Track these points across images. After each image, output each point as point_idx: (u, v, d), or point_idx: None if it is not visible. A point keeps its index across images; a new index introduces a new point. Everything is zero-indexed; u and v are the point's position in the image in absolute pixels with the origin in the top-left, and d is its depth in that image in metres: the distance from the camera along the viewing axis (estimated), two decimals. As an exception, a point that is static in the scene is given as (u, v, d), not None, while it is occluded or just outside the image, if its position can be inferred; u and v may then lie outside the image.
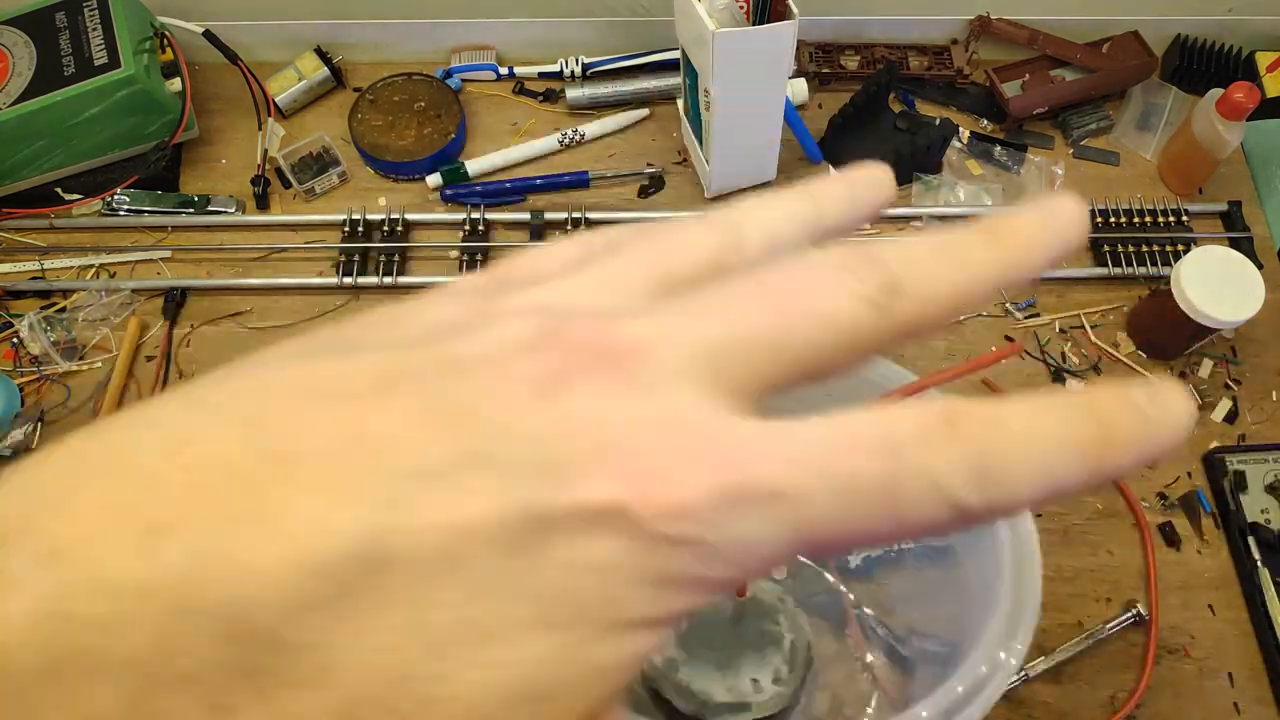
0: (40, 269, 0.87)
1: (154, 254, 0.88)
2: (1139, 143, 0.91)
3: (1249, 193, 0.88)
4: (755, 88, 0.76)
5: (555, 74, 0.95)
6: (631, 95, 0.94)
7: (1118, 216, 0.85)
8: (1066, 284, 0.84)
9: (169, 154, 0.89)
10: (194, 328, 0.84)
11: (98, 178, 0.89)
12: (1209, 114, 0.81)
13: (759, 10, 0.72)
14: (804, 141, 0.90)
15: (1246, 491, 0.73)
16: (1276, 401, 0.78)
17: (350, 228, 0.87)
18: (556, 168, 0.91)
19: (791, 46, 0.73)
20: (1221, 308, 0.71)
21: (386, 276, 0.85)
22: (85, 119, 0.83)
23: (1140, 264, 0.83)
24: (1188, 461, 0.76)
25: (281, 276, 0.86)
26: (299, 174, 0.89)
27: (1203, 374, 0.79)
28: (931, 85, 0.94)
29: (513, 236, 0.88)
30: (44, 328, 0.83)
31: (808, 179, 0.20)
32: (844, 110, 0.89)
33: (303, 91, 0.94)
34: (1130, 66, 0.90)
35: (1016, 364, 0.80)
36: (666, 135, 0.93)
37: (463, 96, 0.95)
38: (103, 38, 0.83)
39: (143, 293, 0.85)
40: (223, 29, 0.92)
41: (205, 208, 0.89)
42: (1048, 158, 0.91)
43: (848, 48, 0.95)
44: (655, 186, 0.90)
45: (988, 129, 0.93)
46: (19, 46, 0.84)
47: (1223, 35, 0.90)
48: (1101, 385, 0.15)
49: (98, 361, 0.82)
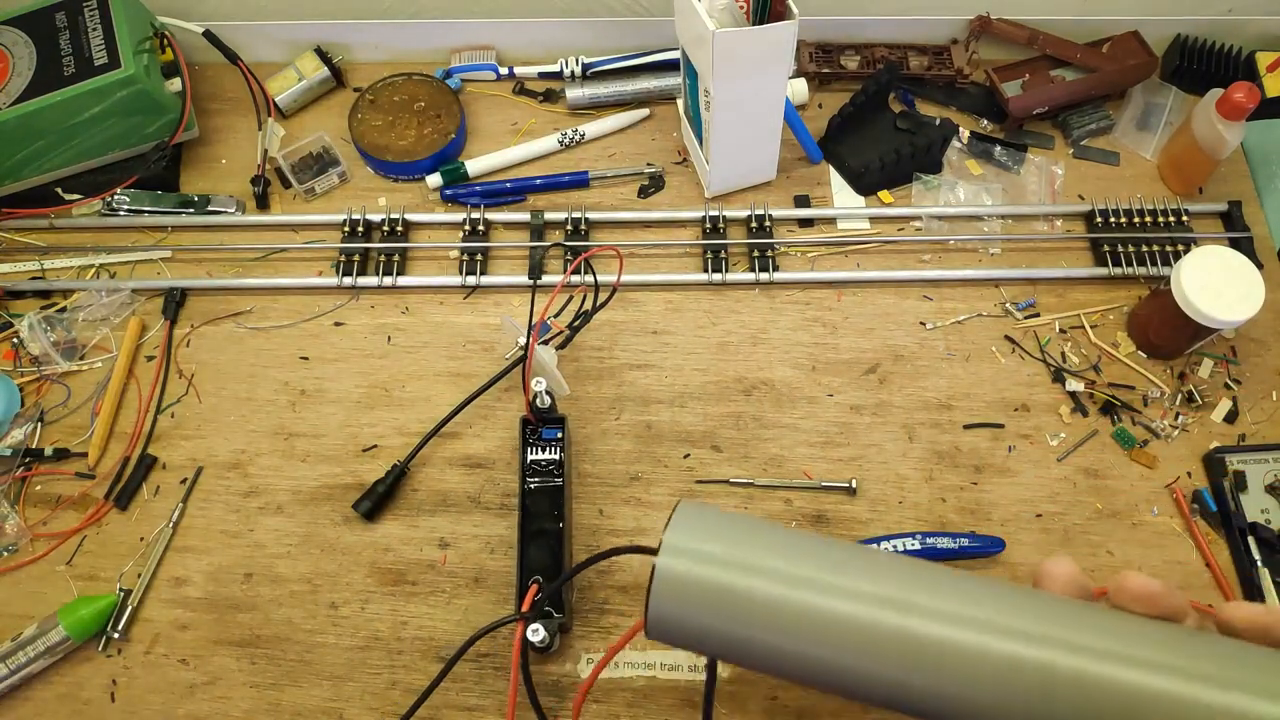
0: (40, 269, 0.87)
1: (154, 254, 0.88)
2: (1139, 143, 0.91)
3: (1249, 193, 0.88)
4: (755, 88, 0.76)
5: (555, 74, 0.95)
6: (631, 95, 0.94)
7: (1118, 216, 0.85)
8: (1066, 284, 0.84)
9: (169, 154, 0.89)
10: (194, 328, 0.84)
11: (98, 178, 0.89)
12: (1209, 114, 0.81)
13: (759, 10, 0.72)
14: (804, 141, 0.90)
15: (1246, 491, 0.73)
16: (1276, 401, 0.78)
17: (350, 228, 0.87)
18: (556, 168, 0.91)
19: (791, 46, 0.73)
20: (1221, 308, 0.71)
21: (386, 276, 0.85)
22: (85, 119, 0.83)
23: (1140, 264, 0.83)
24: (1187, 461, 0.76)
25: (281, 276, 0.86)
26: (299, 174, 0.89)
27: (1203, 374, 0.79)
28: (931, 85, 0.94)
29: (513, 236, 0.88)
30: (44, 328, 0.83)
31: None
32: (844, 110, 0.89)
33: (303, 91, 0.94)
34: (1130, 66, 0.90)
35: (1017, 364, 0.80)
36: (666, 135, 0.94)
37: (463, 96, 0.95)
38: (103, 38, 0.83)
39: (143, 293, 0.85)
40: (223, 29, 0.92)
41: (205, 208, 0.89)
42: (1048, 158, 0.91)
43: (848, 48, 0.95)
44: (655, 186, 0.90)
45: (988, 129, 0.93)
46: (19, 46, 0.84)
47: (1223, 35, 0.90)
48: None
49: (98, 361, 0.82)
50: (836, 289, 0.84)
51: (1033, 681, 0.29)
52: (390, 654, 0.70)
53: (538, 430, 0.73)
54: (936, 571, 0.32)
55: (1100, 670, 0.28)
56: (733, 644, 0.32)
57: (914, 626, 0.30)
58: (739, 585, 0.32)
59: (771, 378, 0.80)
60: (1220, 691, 0.27)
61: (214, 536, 0.75)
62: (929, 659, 0.30)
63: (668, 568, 0.33)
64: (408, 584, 0.72)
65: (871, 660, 0.31)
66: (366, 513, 0.74)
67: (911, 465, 0.76)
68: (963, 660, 0.29)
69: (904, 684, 0.30)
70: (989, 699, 0.29)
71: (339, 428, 0.79)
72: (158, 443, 0.79)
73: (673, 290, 0.85)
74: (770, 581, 0.32)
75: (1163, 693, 0.27)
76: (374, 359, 0.82)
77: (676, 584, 0.32)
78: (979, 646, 0.29)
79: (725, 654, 0.33)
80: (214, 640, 0.71)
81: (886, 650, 0.30)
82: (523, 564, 0.68)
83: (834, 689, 0.32)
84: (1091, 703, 0.28)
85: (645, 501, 0.75)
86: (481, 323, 0.83)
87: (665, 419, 0.78)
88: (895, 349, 0.81)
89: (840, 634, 0.31)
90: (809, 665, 0.32)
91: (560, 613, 0.67)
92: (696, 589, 0.32)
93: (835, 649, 0.31)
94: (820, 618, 0.31)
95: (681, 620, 0.33)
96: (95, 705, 0.69)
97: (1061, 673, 0.28)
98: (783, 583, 0.32)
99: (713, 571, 0.32)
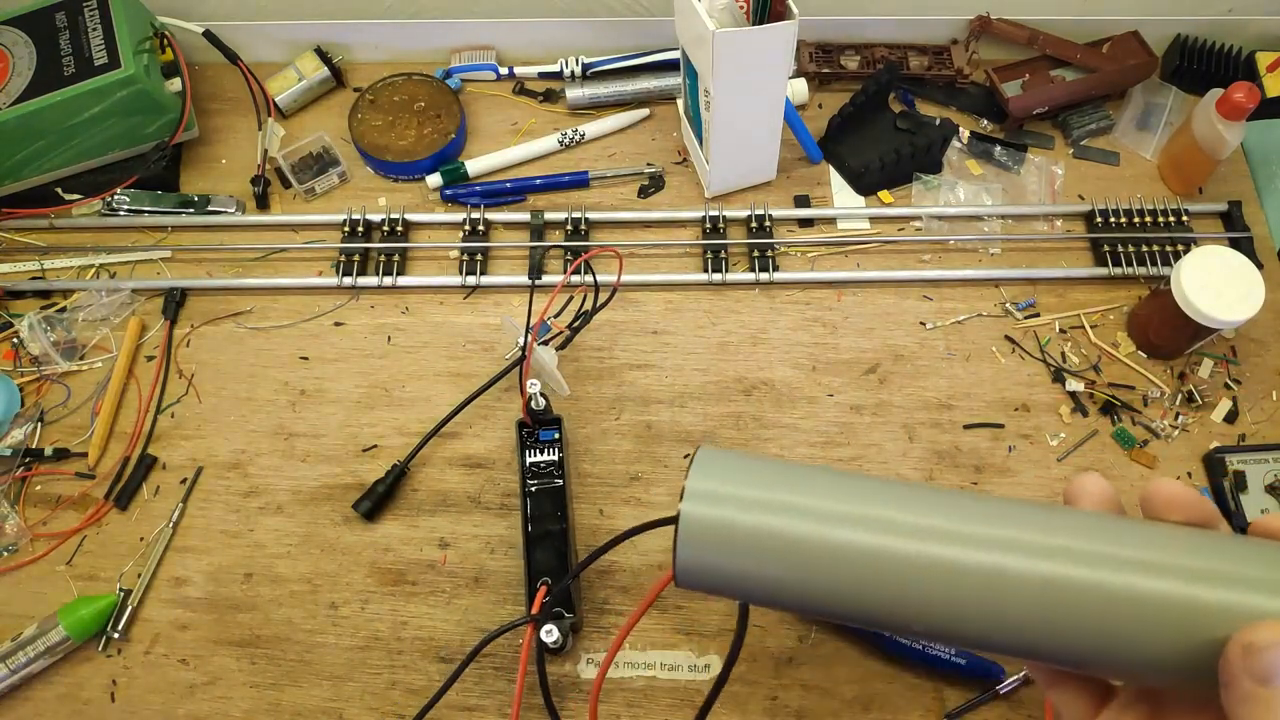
0: (40, 269, 0.87)
1: (154, 254, 0.88)
2: (1139, 143, 0.91)
3: (1249, 193, 0.88)
4: (755, 88, 0.76)
5: (555, 74, 0.95)
6: (631, 95, 0.94)
7: (1118, 216, 0.85)
8: (1066, 284, 0.84)
9: (169, 154, 0.89)
10: (194, 328, 0.84)
11: (98, 178, 0.89)
12: (1209, 114, 0.81)
13: (759, 10, 0.72)
14: (804, 141, 0.90)
15: (1246, 491, 0.73)
16: (1276, 401, 0.78)
17: (350, 228, 0.87)
18: (556, 168, 0.91)
19: (791, 46, 0.73)
20: (1221, 308, 0.71)
21: (386, 276, 0.85)
22: (85, 119, 0.83)
23: (1140, 264, 0.83)
24: (1188, 461, 0.76)
25: (281, 276, 0.86)
26: (299, 174, 0.89)
27: (1203, 374, 0.79)
28: (931, 85, 0.94)
29: (513, 236, 0.88)
30: (44, 328, 0.83)
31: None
32: (844, 110, 0.89)
33: (303, 91, 0.94)
34: (1130, 66, 0.90)
35: (1017, 364, 0.80)
36: (666, 135, 0.94)
37: (463, 96, 0.95)
38: (103, 38, 0.83)
39: (143, 293, 0.85)
40: (223, 29, 0.92)
41: (205, 208, 0.89)
42: (1048, 158, 0.91)
43: (848, 48, 0.95)
44: (655, 186, 0.90)
45: (988, 129, 0.93)
46: (19, 46, 0.84)
47: (1223, 35, 0.90)
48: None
49: (98, 361, 0.82)
50: (836, 289, 0.84)
51: (1087, 599, 0.28)
52: (390, 654, 0.70)
53: (535, 432, 0.73)
54: (969, 497, 0.31)
55: (1154, 585, 0.28)
56: (766, 585, 0.32)
57: (954, 554, 0.30)
58: (768, 525, 0.31)
59: (771, 378, 0.80)
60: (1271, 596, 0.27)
61: (214, 536, 0.75)
62: (974, 586, 0.29)
63: (693, 513, 0.32)
64: (408, 584, 0.72)
65: (918, 593, 0.30)
66: (366, 513, 0.74)
67: (912, 465, 0.76)
68: (1010, 584, 0.29)
69: (951, 615, 0.30)
70: (1039, 621, 0.29)
71: (339, 428, 0.79)
72: (158, 443, 0.79)
73: (673, 290, 0.85)
74: (800, 519, 0.31)
75: (1219, 601, 0.27)
76: (374, 359, 0.82)
77: (704, 528, 0.32)
78: (1026, 569, 0.29)
79: (758, 596, 0.33)
80: (214, 640, 0.71)
81: (933, 580, 0.30)
82: (530, 567, 0.68)
83: (876, 624, 0.32)
84: (1148, 617, 0.28)
85: (645, 501, 0.75)
86: (481, 323, 0.83)
87: (665, 419, 0.78)
88: (895, 349, 0.81)
89: (881, 567, 0.30)
90: (847, 601, 0.31)
91: (571, 612, 0.67)
92: (725, 531, 0.31)
93: (876, 584, 0.30)
94: (858, 551, 0.30)
95: (713, 565, 0.32)
96: (95, 705, 0.69)
97: (1116, 588, 0.28)
98: (813, 519, 0.31)
99: (740, 513, 0.32)
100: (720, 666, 0.69)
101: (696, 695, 0.68)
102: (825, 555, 0.31)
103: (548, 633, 0.63)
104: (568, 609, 0.67)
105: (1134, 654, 0.28)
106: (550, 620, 0.64)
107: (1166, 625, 0.28)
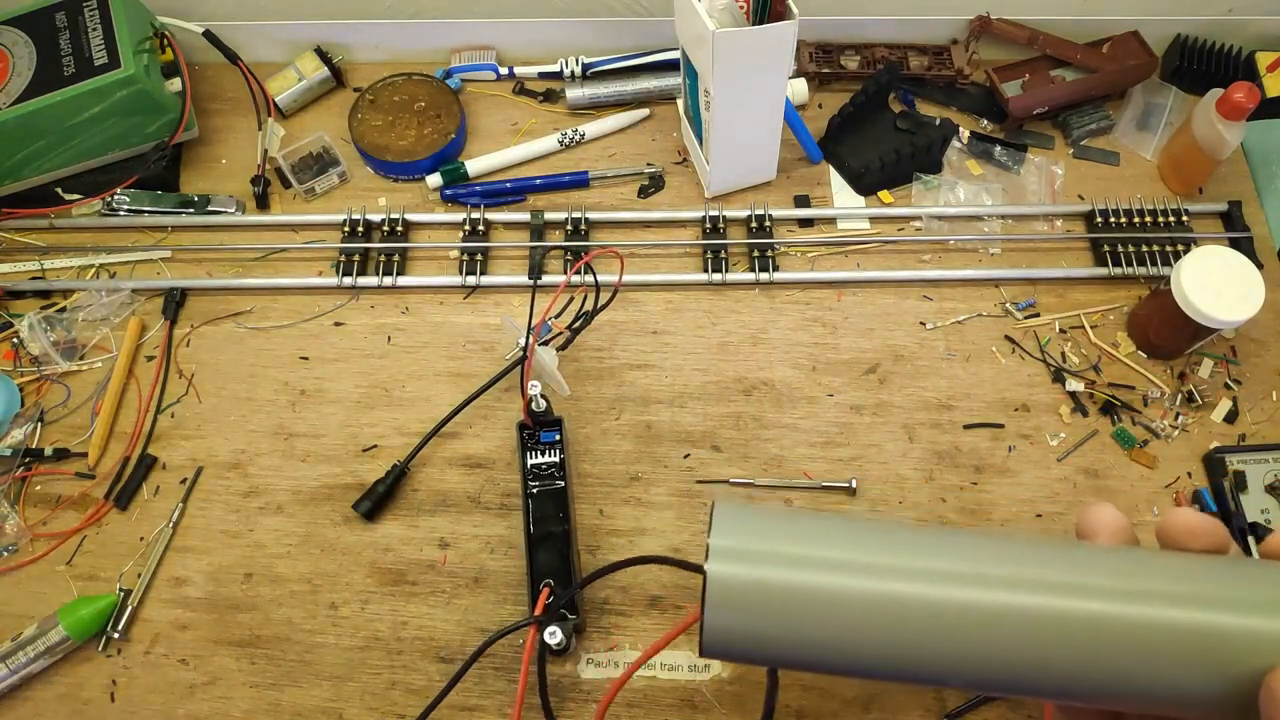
0: (40, 269, 0.87)
1: (154, 254, 0.88)
2: (1139, 143, 0.91)
3: (1249, 193, 0.88)
4: (755, 88, 0.76)
5: (555, 74, 0.95)
6: (631, 95, 0.94)
7: (1118, 216, 0.85)
8: (1066, 284, 0.84)
9: (169, 154, 0.89)
10: (194, 328, 0.84)
11: (98, 178, 0.89)
12: (1209, 114, 0.81)
13: (759, 10, 0.72)
14: (804, 141, 0.90)
15: (1246, 491, 0.73)
16: (1276, 401, 0.78)
17: (350, 228, 0.87)
18: (556, 168, 0.91)
19: (791, 46, 0.73)
20: (1221, 308, 0.71)
21: (386, 276, 0.85)
22: (85, 119, 0.83)
23: (1140, 264, 0.83)
24: (1188, 462, 0.76)
25: (281, 276, 0.86)
26: (299, 174, 0.89)
27: (1203, 374, 0.79)
28: (931, 85, 0.94)
29: (513, 236, 0.88)
30: (44, 328, 0.83)
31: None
32: (844, 110, 0.89)
33: (303, 91, 0.94)
34: (1130, 66, 0.90)
35: (1017, 364, 0.80)
36: (666, 135, 0.94)
37: (463, 96, 0.95)
38: (103, 38, 0.83)
39: (143, 293, 0.85)
40: (223, 29, 0.92)
41: (205, 208, 0.89)
42: (1048, 158, 0.91)
43: (848, 48, 0.95)
44: (655, 186, 0.90)
45: (988, 129, 0.93)
46: (19, 46, 0.84)
47: (1223, 35, 0.90)
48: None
49: (98, 361, 0.82)
50: (836, 289, 0.84)
51: (1135, 637, 0.28)
52: (390, 654, 0.70)
53: (535, 434, 0.73)
54: (991, 538, 0.30)
55: (1186, 616, 0.28)
56: (799, 645, 0.30)
57: (987, 598, 0.28)
58: (800, 581, 0.29)
59: (771, 378, 0.80)
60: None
61: (214, 536, 0.75)
62: (1009, 630, 0.28)
63: (721, 574, 0.29)
64: (408, 584, 0.72)
65: (953, 640, 0.29)
66: (366, 513, 0.74)
67: (911, 465, 0.76)
68: (1045, 626, 0.28)
69: (989, 660, 0.28)
70: (1076, 662, 0.28)
71: (339, 428, 0.79)
72: (158, 443, 0.79)
73: (673, 290, 0.85)
74: (832, 573, 0.29)
75: (1244, 628, 0.27)
76: (374, 359, 0.82)
77: (732, 590, 0.29)
78: (1058, 609, 0.28)
79: (790, 659, 0.31)
80: (214, 640, 0.71)
81: (967, 627, 0.28)
82: (532, 569, 0.68)
83: (912, 678, 0.30)
84: (1185, 650, 0.27)
85: (645, 501, 0.75)
86: (481, 323, 0.83)
87: (665, 419, 0.78)
88: (895, 349, 0.81)
89: (916, 617, 0.29)
90: (884, 657, 0.29)
91: (574, 614, 0.67)
92: (756, 592, 0.29)
93: (912, 634, 0.29)
94: (893, 603, 0.29)
95: (743, 629, 0.30)
96: (95, 705, 0.69)
97: (1155, 623, 0.28)
98: (845, 572, 0.29)
99: (770, 571, 0.30)
100: (720, 667, 0.69)
101: (696, 695, 0.68)
102: (874, 610, 0.29)
103: (551, 634, 0.63)
104: (571, 610, 0.67)
105: (1178, 689, 0.28)
106: (554, 622, 0.64)
107: (1210, 659, 0.27)
